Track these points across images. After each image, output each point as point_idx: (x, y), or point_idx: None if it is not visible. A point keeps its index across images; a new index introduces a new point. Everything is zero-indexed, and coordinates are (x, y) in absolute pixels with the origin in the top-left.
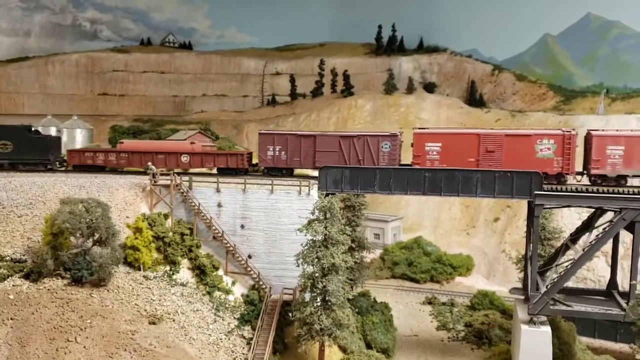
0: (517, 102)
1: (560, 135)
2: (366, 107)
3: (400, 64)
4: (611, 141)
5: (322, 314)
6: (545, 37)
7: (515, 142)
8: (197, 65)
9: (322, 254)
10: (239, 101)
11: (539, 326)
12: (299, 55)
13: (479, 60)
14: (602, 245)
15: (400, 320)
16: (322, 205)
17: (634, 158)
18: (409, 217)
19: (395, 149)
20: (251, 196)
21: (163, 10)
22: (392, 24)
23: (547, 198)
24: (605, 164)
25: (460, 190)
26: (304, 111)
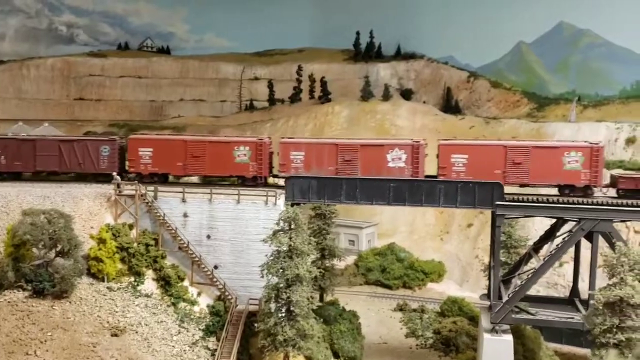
0: (491, 108)
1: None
2: (343, 113)
3: (378, 71)
4: (293, 148)
5: (285, 324)
6: (520, 45)
7: None
8: (175, 70)
9: (287, 265)
10: (217, 106)
11: (501, 335)
12: (278, 60)
13: (455, 67)
14: (562, 255)
15: (371, 328)
16: (287, 215)
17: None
18: (385, 223)
19: (114, 153)
20: (217, 206)
21: (141, 14)
22: (370, 31)
23: (507, 208)
24: (290, 168)
25: (424, 200)
26: (282, 117)
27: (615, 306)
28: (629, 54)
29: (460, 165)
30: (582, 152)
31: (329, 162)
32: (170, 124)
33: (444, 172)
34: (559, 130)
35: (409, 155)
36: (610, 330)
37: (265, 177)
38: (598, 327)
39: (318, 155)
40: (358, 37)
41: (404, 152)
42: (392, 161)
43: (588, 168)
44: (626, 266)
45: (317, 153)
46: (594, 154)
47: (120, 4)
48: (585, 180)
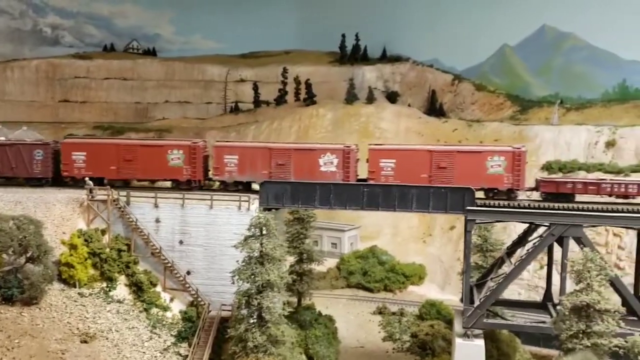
0: (475, 111)
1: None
2: (327, 116)
3: (364, 73)
4: (227, 151)
5: (256, 331)
6: (504, 48)
7: None
8: (160, 71)
9: (258, 271)
10: (203, 108)
11: (472, 339)
12: (264, 62)
13: (440, 70)
14: (532, 259)
15: (349, 332)
16: (258, 221)
17: (245, 166)
18: (369, 226)
19: (48, 157)
20: (190, 211)
21: (127, 16)
22: (356, 33)
23: (478, 213)
24: (224, 172)
25: (397, 205)
26: (267, 119)
27: (581, 312)
28: (611, 57)
29: (388, 169)
30: (505, 156)
31: (262, 165)
32: (155, 126)
33: (374, 176)
34: (541, 133)
35: (340, 159)
36: (576, 335)
37: (200, 181)
38: (565, 333)
39: (252, 158)
40: (344, 39)
41: (336, 157)
42: (324, 165)
43: (510, 172)
44: (592, 272)
45: (250, 157)
46: (516, 158)
47: (106, 6)
48: (507, 183)
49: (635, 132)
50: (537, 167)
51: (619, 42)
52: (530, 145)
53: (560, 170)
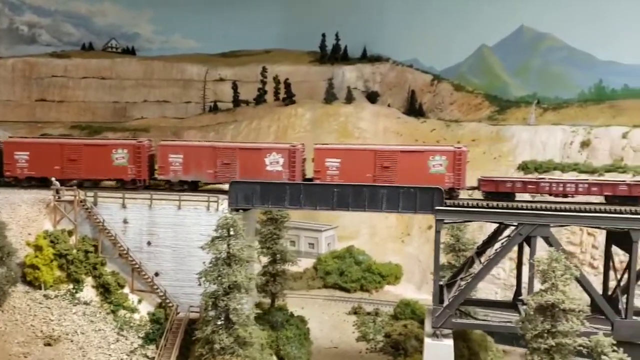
0: (454, 111)
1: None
2: (306, 116)
3: (344, 73)
4: (172, 150)
5: (223, 332)
6: (482, 48)
7: None
8: (139, 71)
9: (224, 272)
10: (182, 107)
11: (441, 339)
12: (244, 61)
13: (419, 70)
14: (500, 259)
15: (324, 332)
16: (225, 222)
17: (190, 166)
18: (347, 226)
19: None
20: (158, 212)
21: (105, 14)
22: (336, 33)
23: (446, 213)
24: (169, 171)
25: (367, 206)
26: (246, 119)
27: (547, 311)
28: (588, 58)
29: (334, 169)
30: (446, 156)
31: (207, 165)
32: (132, 126)
33: (319, 176)
34: (517, 133)
35: (286, 159)
36: (541, 335)
37: (145, 180)
38: (530, 332)
39: (197, 158)
40: (324, 39)
41: (282, 156)
42: (270, 165)
43: (452, 171)
44: (557, 272)
45: (195, 156)
46: (457, 157)
47: (85, 4)
48: (449, 183)
49: (609, 132)
50: (513, 167)
51: (595, 42)
52: (507, 145)
53: (536, 170)
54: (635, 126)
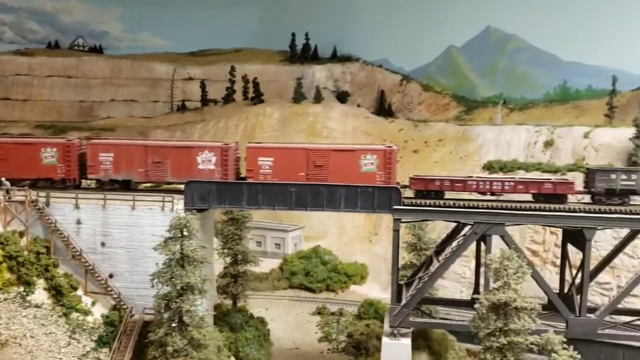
0: (422, 112)
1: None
2: (274, 115)
3: (314, 73)
4: (102, 149)
5: (176, 334)
6: (450, 49)
7: None
8: (106, 69)
9: (177, 274)
10: (149, 107)
11: (399, 338)
12: (213, 60)
13: (389, 70)
14: (457, 258)
15: (287, 333)
16: (178, 222)
17: (120, 165)
18: (315, 226)
19: None
20: (112, 212)
21: (72, 12)
22: (306, 33)
23: (404, 212)
24: (99, 170)
25: (326, 205)
26: (214, 118)
27: (499, 310)
28: (553, 59)
29: (266, 167)
30: (377, 154)
31: (138, 164)
32: (99, 125)
33: (252, 175)
34: (483, 133)
35: (219, 157)
36: (494, 333)
37: (75, 180)
38: (483, 331)
39: (128, 157)
40: (294, 38)
41: (214, 155)
42: (202, 163)
43: (382, 170)
44: (510, 270)
45: (126, 155)
46: (387, 156)
47: (50, 1)
48: (380, 181)
49: (572, 132)
50: (479, 166)
51: (560, 43)
52: (472, 145)
53: (501, 170)
54: (596, 126)
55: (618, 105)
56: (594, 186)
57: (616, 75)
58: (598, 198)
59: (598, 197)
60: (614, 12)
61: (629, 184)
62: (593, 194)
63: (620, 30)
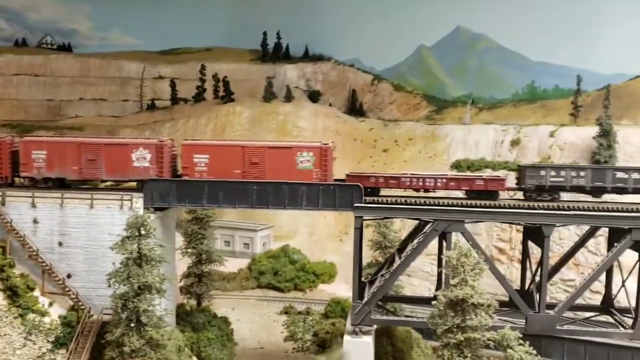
0: (393, 111)
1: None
2: (244, 114)
3: (286, 72)
4: (35, 146)
5: (133, 334)
6: (420, 49)
7: None
8: (75, 68)
9: (134, 273)
10: (119, 105)
11: (360, 336)
12: (184, 59)
13: (360, 70)
14: (417, 255)
15: (252, 332)
16: (135, 221)
17: (53, 162)
18: (285, 225)
19: None
20: (69, 211)
21: (40, 9)
22: (277, 32)
23: (365, 210)
24: (32, 168)
25: (287, 204)
26: (183, 117)
27: (457, 306)
28: (521, 59)
29: (202, 165)
30: (313, 152)
31: (71, 161)
32: (67, 124)
33: (187, 172)
34: (451, 132)
35: (154, 154)
36: (451, 330)
37: (7, 178)
38: (440, 327)
39: (60, 154)
40: (265, 37)
41: (149, 152)
42: (137, 160)
43: (318, 167)
44: (467, 267)
45: (59, 152)
46: (323, 153)
47: None
48: (316, 178)
49: (538, 131)
50: (447, 165)
51: (528, 44)
52: (441, 144)
53: (468, 169)
54: (562, 125)
55: (583, 104)
56: (524, 183)
57: (583, 75)
58: (529, 194)
59: (529, 193)
60: (581, 13)
61: (558, 180)
62: (524, 190)
63: (587, 30)
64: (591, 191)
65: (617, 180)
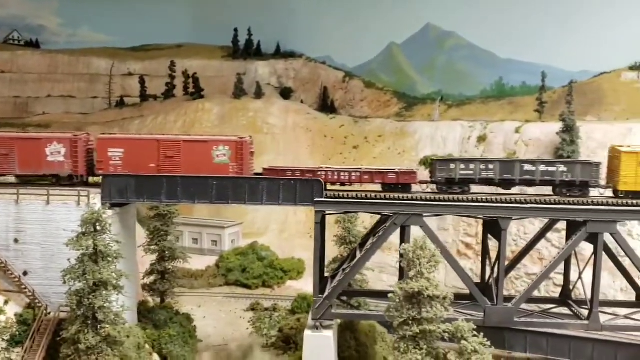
0: (364, 108)
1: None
2: (214, 110)
3: (257, 69)
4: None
5: (89, 332)
6: (391, 46)
7: None
8: (43, 64)
9: (89, 269)
10: (88, 102)
11: (321, 330)
12: (154, 56)
13: (332, 67)
14: (377, 249)
15: (217, 329)
16: (90, 217)
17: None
18: (257, 222)
19: None
20: (25, 208)
21: (7, 5)
22: (248, 28)
23: (326, 205)
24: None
25: (247, 199)
26: (152, 114)
27: (413, 299)
28: (490, 56)
29: (117, 159)
30: (229, 146)
31: None
32: (34, 122)
33: (102, 167)
34: (420, 129)
35: (68, 149)
36: (407, 322)
37: None
38: (397, 320)
39: None
40: (236, 34)
41: (63, 147)
42: (52, 155)
43: (235, 161)
44: (423, 260)
45: None
46: (239, 147)
47: None
48: (233, 172)
49: (503, 127)
50: (416, 161)
51: (497, 41)
52: (410, 141)
53: None
54: (527, 121)
55: (549, 101)
56: (435, 176)
57: (550, 72)
58: (440, 187)
59: (440, 186)
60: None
61: (468, 173)
62: (435, 183)
63: (553, 28)
64: (500, 183)
65: (524, 173)
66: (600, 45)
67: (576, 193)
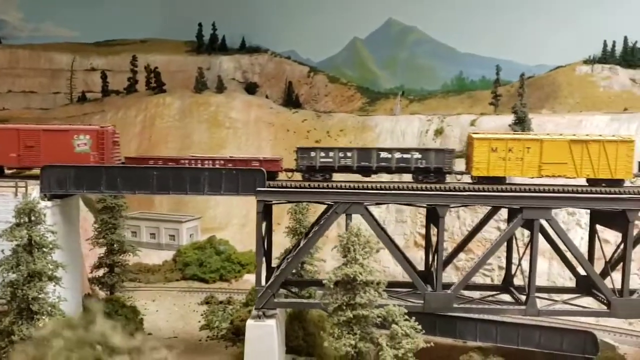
0: (329, 103)
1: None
2: (174, 105)
3: (221, 63)
4: None
5: (23, 323)
6: (355, 41)
7: None
8: (3, 59)
9: (23, 260)
10: (49, 98)
11: (264, 320)
12: (117, 51)
13: (297, 62)
14: (318, 239)
15: (169, 323)
16: (24, 207)
17: None
18: (218, 216)
19: None
20: None
21: None
22: (212, 23)
23: (267, 194)
24: None
25: (189, 189)
26: (113, 109)
27: (347, 285)
28: (450, 51)
29: None
30: (90, 135)
31: None
32: None
33: None
34: (380, 123)
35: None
36: (341, 307)
37: None
38: (331, 306)
39: None
40: (201, 28)
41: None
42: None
43: (96, 150)
44: (357, 246)
45: None
46: (100, 136)
47: None
48: (94, 161)
49: (459, 120)
50: None
51: (456, 36)
52: (371, 134)
53: None
54: (482, 114)
55: (507, 94)
56: (298, 164)
57: (507, 66)
58: (303, 175)
59: (303, 174)
60: (509, 6)
61: (327, 161)
62: (298, 171)
63: (512, 23)
64: (359, 170)
65: (381, 160)
66: (556, 39)
67: (432, 179)
